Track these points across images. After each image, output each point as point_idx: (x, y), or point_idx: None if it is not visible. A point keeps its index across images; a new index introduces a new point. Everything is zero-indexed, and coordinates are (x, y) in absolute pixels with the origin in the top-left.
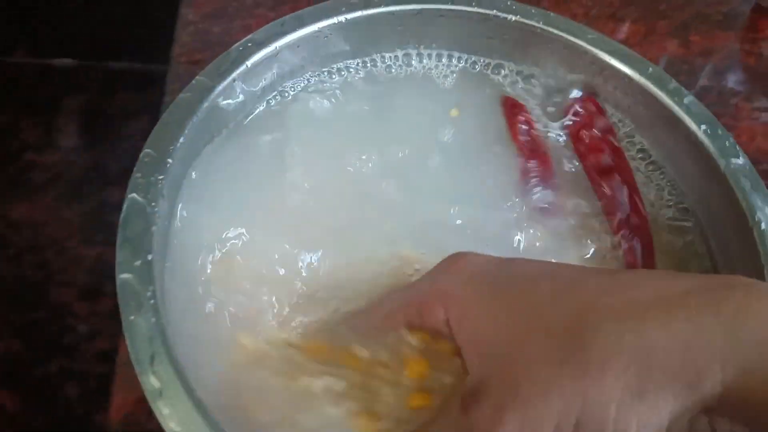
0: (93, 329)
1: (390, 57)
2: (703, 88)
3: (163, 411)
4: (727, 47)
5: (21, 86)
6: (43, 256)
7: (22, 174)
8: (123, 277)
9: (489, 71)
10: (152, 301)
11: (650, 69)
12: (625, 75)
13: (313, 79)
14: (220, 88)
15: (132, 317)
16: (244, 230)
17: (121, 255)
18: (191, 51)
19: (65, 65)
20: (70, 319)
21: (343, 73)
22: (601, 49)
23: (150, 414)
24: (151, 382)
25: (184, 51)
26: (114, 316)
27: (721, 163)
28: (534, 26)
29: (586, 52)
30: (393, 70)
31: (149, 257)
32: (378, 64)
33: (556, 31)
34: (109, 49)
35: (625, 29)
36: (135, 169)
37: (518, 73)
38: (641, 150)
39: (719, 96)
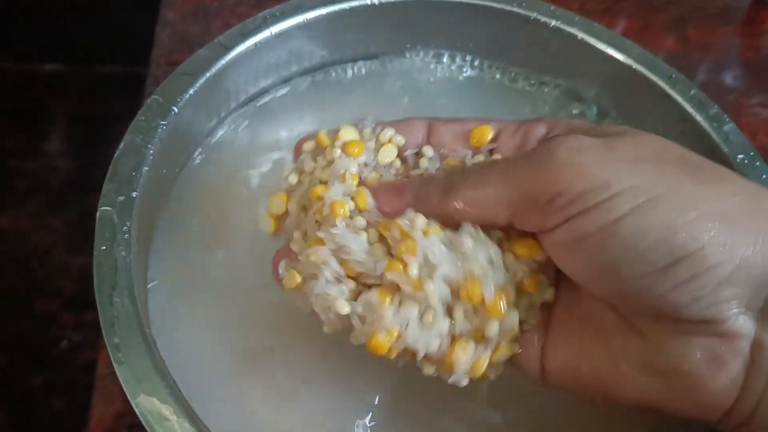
0: (80, 340)
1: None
2: (702, 84)
3: (114, 340)
4: (725, 42)
5: (3, 92)
6: (27, 266)
7: (5, 182)
8: (104, 209)
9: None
10: (126, 236)
11: (692, 91)
12: (667, 94)
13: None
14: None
15: (104, 247)
16: None
17: (107, 188)
18: (170, 52)
19: (48, 70)
20: (55, 330)
21: None
22: (642, 65)
23: (131, 429)
24: (107, 309)
25: (163, 53)
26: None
27: None
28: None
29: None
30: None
31: (133, 194)
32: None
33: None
34: (93, 53)
35: (621, 25)
36: (139, 113)
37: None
38: None
39: (717, 92)
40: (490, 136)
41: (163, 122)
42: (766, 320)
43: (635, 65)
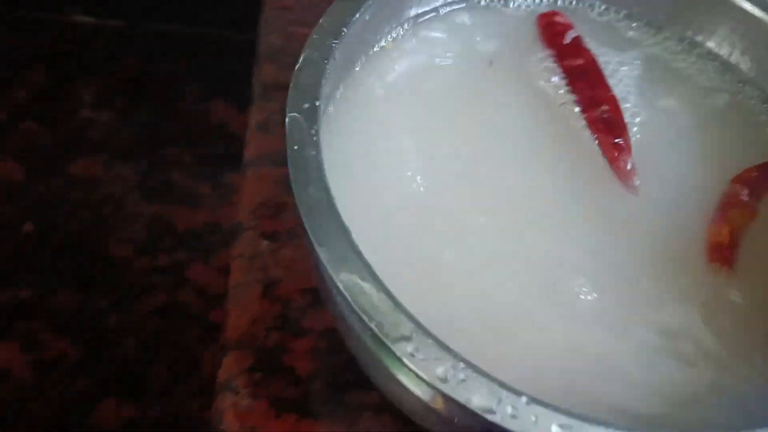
0: (150, 285)
1: None
2: None
3: (313, 223)
4: None
5: (76, 46)
6: (100, 212)
7: (79, 131)
8: (292, 115)
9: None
10: (315, 138)
11: None
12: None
13: None
14: None
15: (296, 147)
16: None
17: (291, 97)
18: None
19: (118, 27)
20: (128, 275)
21: None
22: None
23: (269, 331)
24: (304, 199)
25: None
26: (171, 271)
27: None
28: None
29: None
30: None
31: (317, 103)
32: None
33: None
34: (160, 11)
35: None
36: (313, 32)
37: None
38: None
39: None
40: None
41: (335, 41)
42: None
43: None
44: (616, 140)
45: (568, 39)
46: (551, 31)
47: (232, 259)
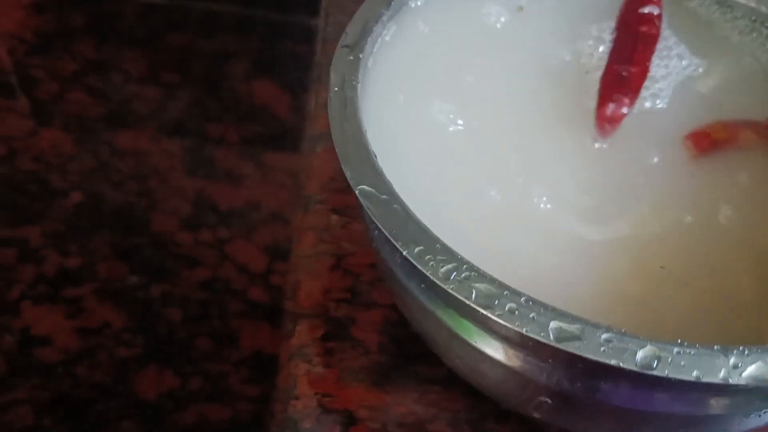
0: (194, 258)
1: None
2: None
3: (346, 153)
4: None
5: (126, 20)
6: (146, 185)
7: (126, 104)
8: (336, 60)
9: None
10: (354, 83)
11: None
12: None
13: None
14: None
15: (336, 89)
16: None
17: (337, 54)
18: None
19: (166, 3)
20: (172, 247)
21: None
22: None
23: (339, 302)
24: (338, 136)
25: None
26: (215, 246)
27: None
28: None
29: None
30: None
31: (360, 55)
32: None
33: None
34: None
35: None
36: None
37: None
38: None
39: None
40: None
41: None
42: None
43: None
44: (621, 95)
45: (645, 10)
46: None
47: (304, 230)
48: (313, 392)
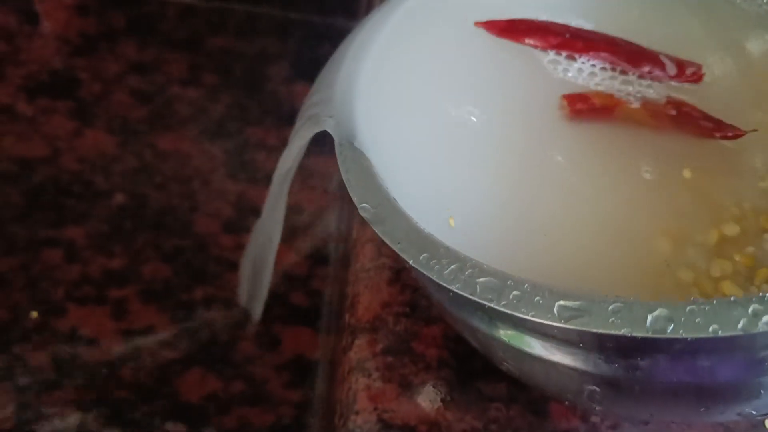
0: (236, 262)
1: None
2: None
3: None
4: None
5: (168, 22)
6: (189, 187)
7: (168, 106)
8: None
9: None
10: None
11: None
12: None
13: None
14: None
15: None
16: None
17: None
18: None
19: (209, 6)
20: (214, 250)
21: None
22: None
23: (398, 316)
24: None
25: None
26: None
27: None
28: None
29: None
30: None
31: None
32: None
33: None
34: None
35: None
36: None
37: None
38: None
39: None
40: None
41: None
42: None
43: None
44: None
45: None
46: None
47: (362, 243)
48: (373, 407)
